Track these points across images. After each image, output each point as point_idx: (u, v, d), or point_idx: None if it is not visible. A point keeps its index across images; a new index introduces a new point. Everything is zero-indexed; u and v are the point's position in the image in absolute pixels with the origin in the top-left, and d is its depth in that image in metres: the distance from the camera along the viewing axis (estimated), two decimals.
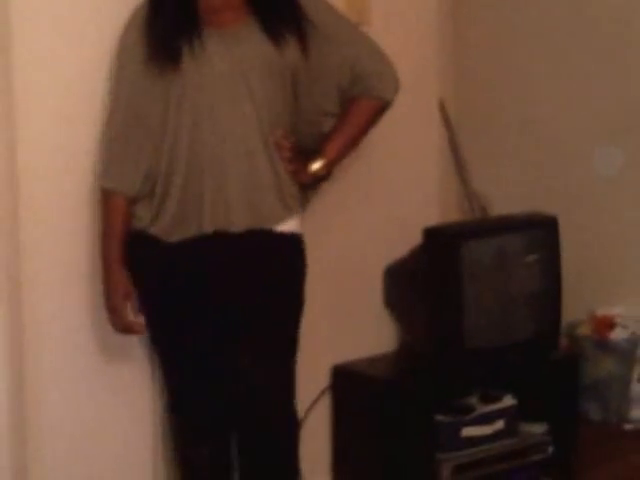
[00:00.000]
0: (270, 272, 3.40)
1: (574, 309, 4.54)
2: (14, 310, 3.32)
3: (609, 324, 4.68)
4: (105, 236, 3.38)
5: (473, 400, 4.13)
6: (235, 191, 3.33)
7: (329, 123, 3.62)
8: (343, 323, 4.08)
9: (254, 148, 3.34)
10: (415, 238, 4.04)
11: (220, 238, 3.34)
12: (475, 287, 4.06)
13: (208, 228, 3.32)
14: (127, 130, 3.37)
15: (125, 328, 3.38)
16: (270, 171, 3.36)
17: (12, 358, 3.33)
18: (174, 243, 3.33)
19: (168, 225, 3.34)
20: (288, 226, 3.43)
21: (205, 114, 3.30)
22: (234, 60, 3.31)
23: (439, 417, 4.00)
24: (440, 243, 4.03)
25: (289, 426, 3.52)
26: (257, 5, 3.40)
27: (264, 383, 3.40)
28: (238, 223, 3.34)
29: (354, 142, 3.63)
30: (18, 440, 3.41)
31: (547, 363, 4.33)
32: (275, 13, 3.40)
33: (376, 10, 4.10)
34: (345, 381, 4.06)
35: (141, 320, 3.38)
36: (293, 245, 3.47)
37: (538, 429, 4.23)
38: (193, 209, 3.32)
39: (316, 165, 3.50)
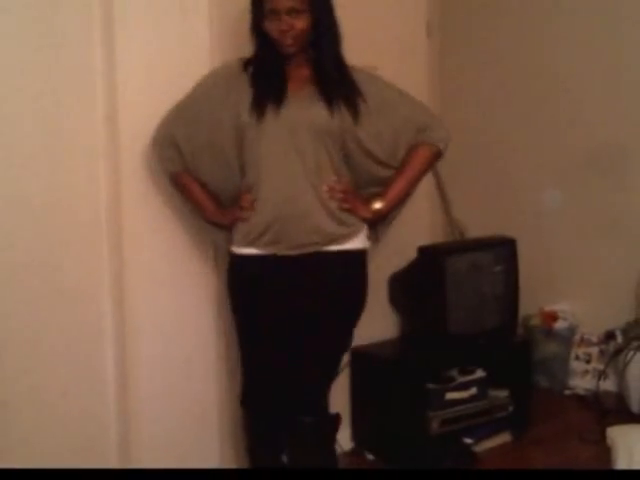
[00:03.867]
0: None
1: (528, 306, 4.63)
2: (117, 311, 3.36)
3: (554, 317, 4.80)
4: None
5: (454, 372, 4.10)
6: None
7: (383, 170, 3.29)
8: None
9: (301, 189, 3.08)
10: (412, 254, 4.07)
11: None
12: (456, 290, 4.07)
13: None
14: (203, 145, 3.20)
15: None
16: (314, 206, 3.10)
17: (117, 346, 3.37)
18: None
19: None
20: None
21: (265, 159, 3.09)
22: (285, 121, 3.07)
23: (429, 385, 3.99)
24: (430, 257, 4.04)
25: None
26: (319, 80, 3.16)
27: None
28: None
29: (411, 186, 3.37)
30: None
31: (508, 345, 4.35)
32: (332, 87, 3.14)
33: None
34: (361, 359, 4.03)
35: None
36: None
37: (502, 394, 4.21)
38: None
39: (377, 205, 3.25)
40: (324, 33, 3.16)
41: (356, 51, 3.78)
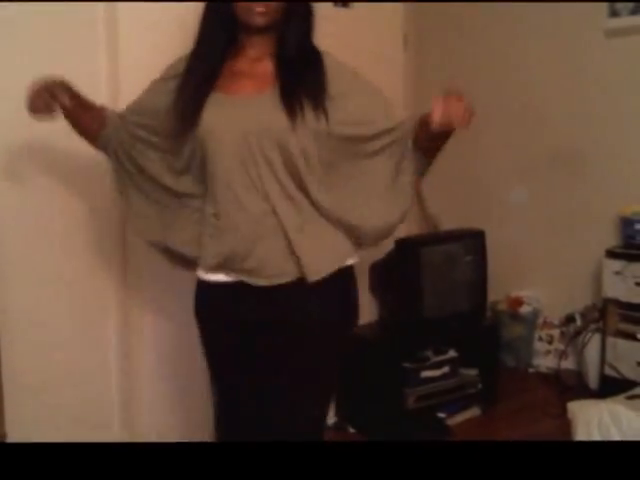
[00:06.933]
0: None
1: (495, 292, 4.64)
2: (121, 306, 3.36)
3: (519, 302, 4.77)
4: None
5: (429, 353, 4.10)
6: None
7: None
8: None
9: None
10: (389, 245, 4.01)
11: None
12: (430, 278, 4.06)
13: None
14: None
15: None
16: None
17: (121, 336, 3.38)
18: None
19: None
20: None
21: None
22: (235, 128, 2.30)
23: (406, 364, 3.99)
24: (406, 249, 4.02)
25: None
26: (282, 76, 2.36)
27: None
28: None
29: None
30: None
31: (477, 328, 4.34)
32: (296, 86, 2.33)
33: None
34: None
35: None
36: None
37: (471, 372, 4.22)
38: None
39: None
40: (296, 12, 2.41)
41: None
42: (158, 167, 2.51)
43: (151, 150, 2.52)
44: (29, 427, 3.08)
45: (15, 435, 3.00)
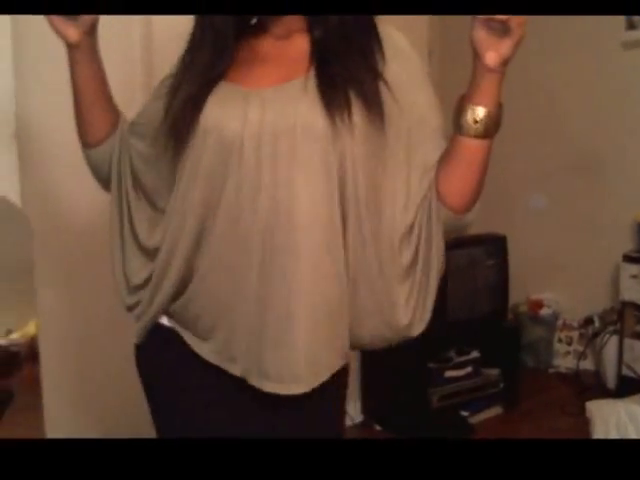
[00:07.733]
0: None
1: (516, 295, 4.63)
2: None
3: (539, 305, 4.80)
4: None
5: (452, 353, 4.11)
6: None
7: None
8: None
9: None
10: None
11: None
12: (454, 281, 4.03)
13: None
14: None
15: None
16: None
17: None
18: None
19: None
20: None
21: None
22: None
23: (430, 364, 4.01)
24: None
25: None
26: (318, 57, 1.61)
27: None
28: None
29: None
30: None
31: (499, 330, 4.33)
32: (339, 68, 1.59)
33: None
34: None
35: None
36: None
37: (494, 372, 4.20)
38: None
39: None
40: None
41: None
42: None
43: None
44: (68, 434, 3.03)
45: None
